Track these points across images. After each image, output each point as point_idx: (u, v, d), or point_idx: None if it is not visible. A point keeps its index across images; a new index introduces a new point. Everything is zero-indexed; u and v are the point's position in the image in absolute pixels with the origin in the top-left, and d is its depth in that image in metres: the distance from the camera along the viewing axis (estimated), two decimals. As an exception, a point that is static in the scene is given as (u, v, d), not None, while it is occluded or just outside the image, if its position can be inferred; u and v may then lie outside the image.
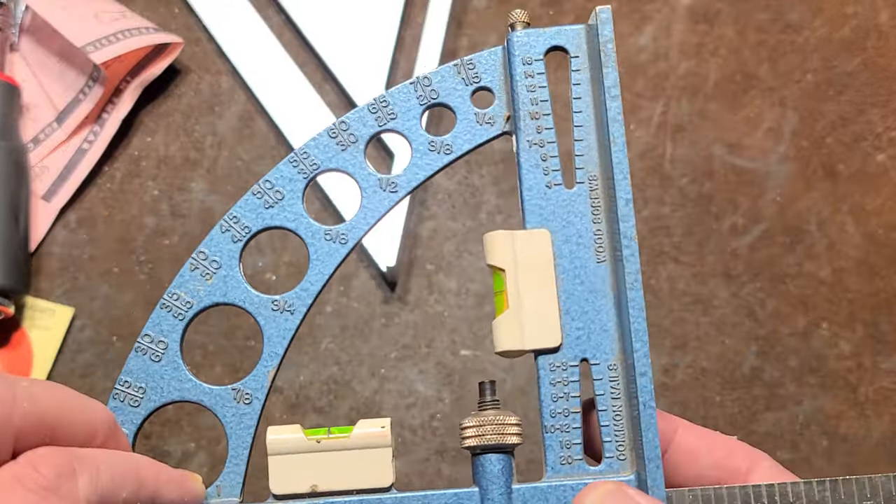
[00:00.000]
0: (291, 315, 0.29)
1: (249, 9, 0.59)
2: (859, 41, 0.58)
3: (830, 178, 0.56)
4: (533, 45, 0.31)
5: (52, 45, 0.58)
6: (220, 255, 0.30)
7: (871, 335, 0.53)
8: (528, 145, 0.30)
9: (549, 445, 0.28)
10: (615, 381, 0.28)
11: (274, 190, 0.30)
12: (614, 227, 0.28)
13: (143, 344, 0.30)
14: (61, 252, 0.56)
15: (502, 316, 0.29)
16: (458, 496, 0.27)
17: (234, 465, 0.28)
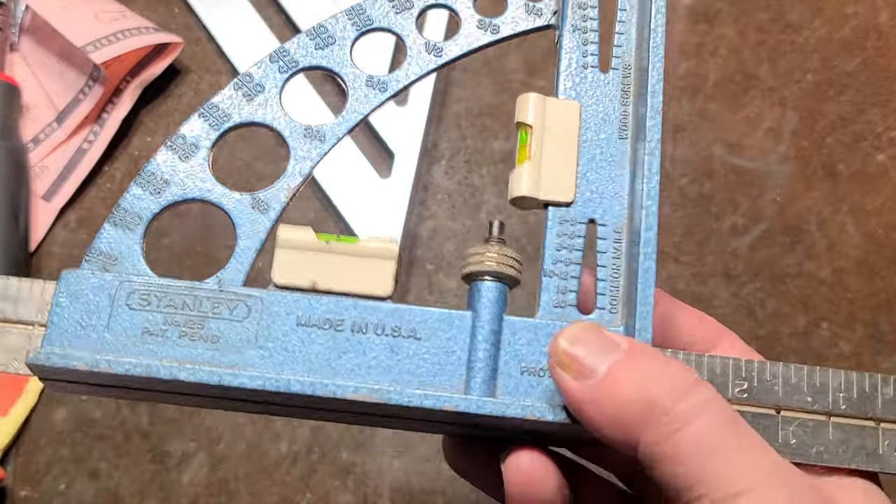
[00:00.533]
0: (322, 143, 0.31)
1: (249, 9, 0.59)
2: (859, 41, 0.58)
3: (830, 178, 0.56)
4: None
5: (52, 45, 0.58)
6: (266, 79, 0.31)
7: (870, 335, 0.53)
8: (572, 29, 0.32)
9: (545, 288, 0.29)
10: (619, 243, 0.30)
11: None
12: (640, 111, 0.30)
13: (174, 143, 0.30)
14: (61, 252, 0.56)
15: (522, 166, 0.30)
16: (451, 315, 0.29)
17: (238, 263, 0.30)
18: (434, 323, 0.28)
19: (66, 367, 0.27)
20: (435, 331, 0.28)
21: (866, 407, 0.28)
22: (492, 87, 0.58)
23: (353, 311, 0.28)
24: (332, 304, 0.29)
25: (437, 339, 0.28)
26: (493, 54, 0.59)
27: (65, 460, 0.51)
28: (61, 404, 0.53)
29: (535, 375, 0.28)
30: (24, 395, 0.52)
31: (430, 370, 0.28)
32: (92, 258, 0.29)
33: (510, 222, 0.55)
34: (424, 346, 0.28)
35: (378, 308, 0.28)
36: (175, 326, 0.28)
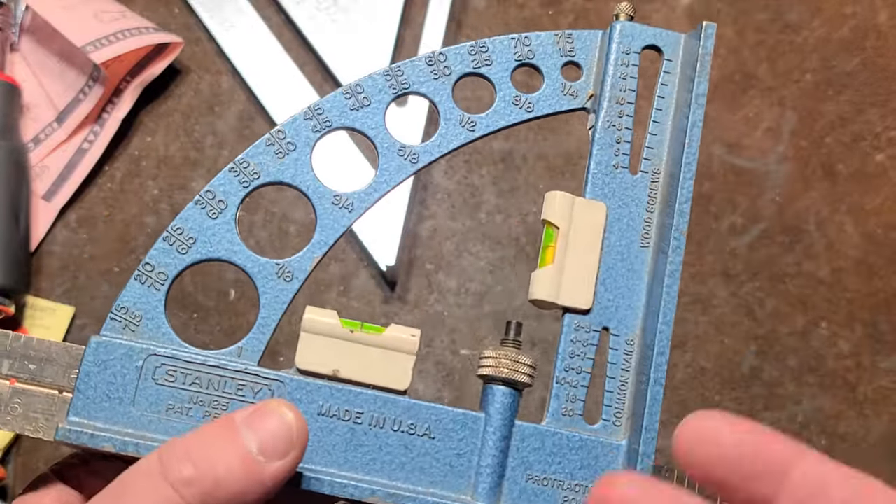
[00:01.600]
0: (349, 212, 0.31)
1: (249, 9, 0.59)
2: (858, 41, 0.58)
3: (829, 177, 0.56)
4: (635, 39, 0.33)
5: (53, 45, 0.59)
6: (298, 138, 0.31)
7: (869, 335, 0.53)
8: (607, 125, 0.32)
9: (556, 395, 0.30)
10: (629, 354, 0.30)
11: None
12: (665, 219, 0.31)
13: (203, 199, 0.30)
14: (62, 251, 0.56)
15: (546, 268, 0.31)
16: (465, 416, 0.29)
17: (260, 333, 0.30)
18: (448, 423, 0.29)
19: (95, 447, 0.27)
20: (448, 431, 0.29)
21: None
22: (491, 88, 0.58)
23: (373, 405, 0.29)
24: (352, 396, 0.29)
25: (449, 440, 0.29)
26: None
27: (65, 460, 0.52)
28: (62, 404, 0.53)
29: (540, 484, 0.29)
30: (25, 395, 0.52)
31: (441, 470, 0.29)
32: (117, 316, 0.29)
33: (510, 222, 0.55)
34: (437, 445, 0.29)
35: (396, 403, 0.29)
36: (199, 406, 0.28)
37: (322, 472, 0.28)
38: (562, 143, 0.57)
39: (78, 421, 0.28)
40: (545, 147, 0.57)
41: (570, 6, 0.60)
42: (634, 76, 0.32)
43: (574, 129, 0.57)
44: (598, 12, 0.59)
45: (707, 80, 0.31)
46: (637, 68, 0.32)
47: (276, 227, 0.55)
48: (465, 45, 0.33)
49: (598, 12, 0.59)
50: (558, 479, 0.30)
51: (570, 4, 0.60)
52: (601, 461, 0.30)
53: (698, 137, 0.31)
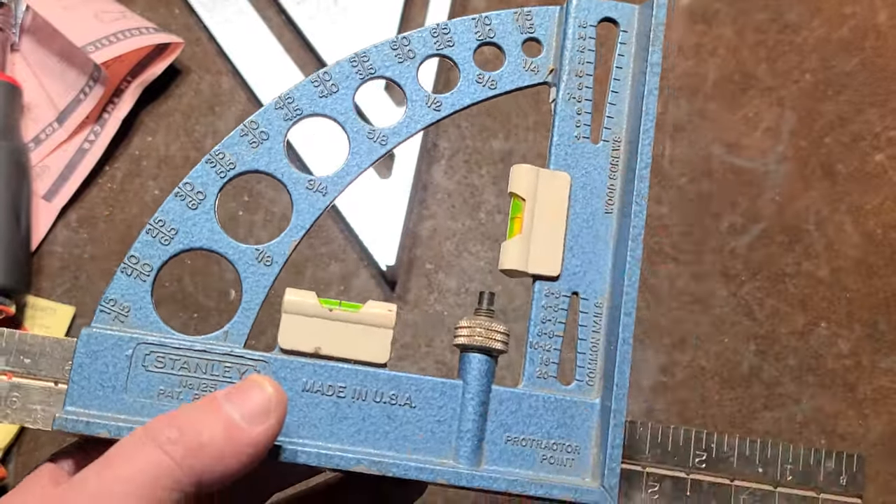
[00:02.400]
0: (323, 196, 0.32)
1: (249, 9, 0.59)
2: (857, 41, 0.58)
3: (829, 177, 0.56)
4: (590, 12, 0.34)
5: (53, 45, 0.59)
6: (270, 127, 0.32)
7: (869, 334, 0.53)
8: (568, 97, 0.33)
9: (530, 359, 0.31)
10: (599, 317, 0.32)
11: None
12: (627, 185, 0.32)
13: (182, 190, 0.31)
14: (62, 251, 0.56)
15: (514, 239, 0.32)
16: (443, 384, 0.30)
17: (243, 317, 0.31)
18: (428, 392, 0.30)
19: (91, 433, 0.28)
20: (428, 399, 0.30)
21: (809, 479, 0.32)
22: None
23: (354, 379, 0.30)
24: (334, 371, 0.30)
25: (429, 408, 0.30)
26: (493, 54, 0.59)
27: (66, 459, 0.52)
28: (62, 403, 0.53)
29: (519, 445, 0.31)
30: (25, 395, 0.53)
31: (423, 437, 0.30)
32: (106, 308, 0.30)
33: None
34: (419, 413, 0.30)
35: (377, 375, 0.30)
36: (189, 389, 0.30)
37: (309, 445, 0.29)
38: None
39: (74, 410, 0.29)
40: (545, 147, 0.57)
41: (570, 6, 0.60)
42: (592, 49, 0.33)
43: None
44: (597, 12, 0.60)
45: (661, 49, 0.32)
46: (594, 41, 0.33)
47: (277, 228, 0.56)
48: (427, 28, 0.34)
49: (597, 12, 0.60)
50: (536, 439, 0.31)
51: (569, 4, 0.60)
52: (576, 420, 0.31)
53: (654, 105, 0.32)
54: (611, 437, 0.30)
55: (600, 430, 0.31)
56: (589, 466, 0.31)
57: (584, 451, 0.31)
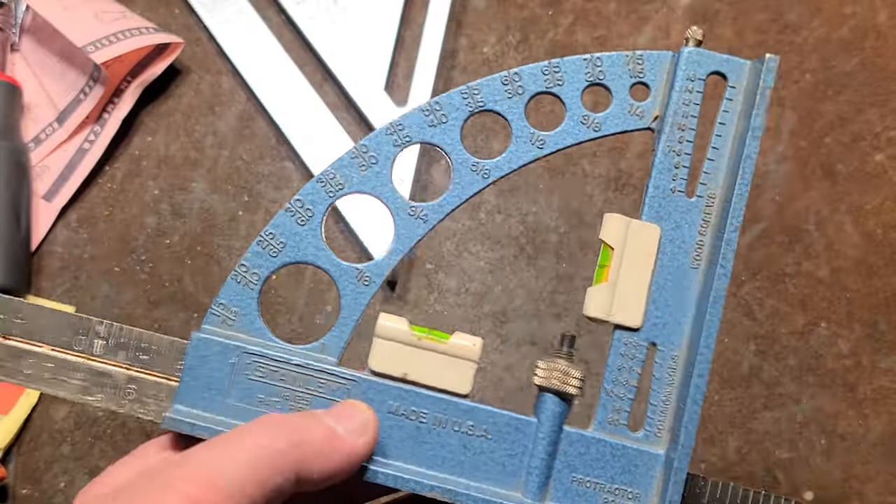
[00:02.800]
0: (424, 223, 0.33)
1: (249, 9, 0.59)
2: (858, 41, 0.58)
3: (829, 177, 0.56)
4: (701, 65, 0.34)
5: (53, 45, 0.59)
6: (379, 152, 0.33)
7: (869, 334, 0.53)
8: (667, 150, 0.33)
9: (603, 405, 0.32)
10: (673, 370, 0.32)
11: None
12: (716, 242, 0.32)
13: (293, 207, 0.33)
14: (62, 251, 0.56)
15: (600, 286, 0.33)
16: (518, 420, 0.32)
17: (340, 332, 0.33)
18: (503, 426, 0.32)
19: (192, 433, 0.31)
20: (503, 433, 0.32)
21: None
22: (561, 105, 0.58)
23: (436, 406, 0.32)
24: (418, 397, 0.32)
25: (503, 442, 0.32)
26: (493, 54, 0.59)
27: (65, 458, 0.52)
28: (62, 403, 0.53)
29: (583, 486, 0.32)
30: (26, 394, 0.53)
31: (494, 469, 0.32)
32: (216, 311, 0.32)
33: (510, 222, 0.55)
34: (493, 445, 0.32)
35: (458, 405, 0.32)
36: (285, 400, 0.32)
37: (389, 466, 0.31)
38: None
39: (182, 409, 0.31)
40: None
41: (570, 6, 0.60)
42: (697, 103, 0.34)
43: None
44: (597, 12, 0.60)
45: (765, 113, 0.32)
46: (701, 95, 0.34)
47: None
48: (538, 65, 0.35)
49: (597, 12, 0.60)
50: (600, 483, 0.32)
51: (569, 4, 0.60)
52: (640, 468, 0.32)
53: (752, 169, 0.32)
54: (671, 492, 0.31)
55: (662, 482, 0.32)
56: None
57: (645, 498, 0.32)
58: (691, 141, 0.33)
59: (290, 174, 0.57)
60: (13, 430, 0.52)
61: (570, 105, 0.34)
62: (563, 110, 0.34)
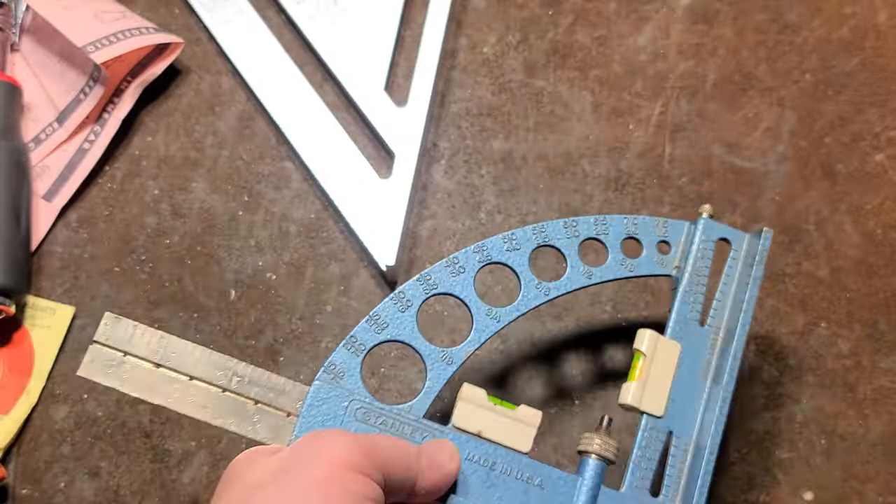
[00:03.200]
0: (497, 322, 0.43)
1: (249, 9, 0.59)
2: (858, 41, 0.58)
3: (829, 177, 0.56)
4: (712, 232, 0.46)
5: (53, 45, 0.59)
6: (468, 264, 0.43)
7: (869, 334, 0.53)
8: (686, 291, 0.44)
9: (632, 472, 0.41)
10: (685, 453, 0.42)
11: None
12: (720, 361, 0.43)
13: (397, 297, 0.42)
14: (62, 251, 0.56)
15: (633, 382, 0.42)
16: (567, 477, 0.40)
17: (425, 398, 0.41)
18: (555, 479, 0.40)
19: None
20: (555, 484, 0.40)
21: None
22: (491, 88, 0.58)
23: (504, 458, 0.40)
24: (490, 450, 0.40)
25: (553, 492, 0.40)
26: (493, 54, 0.59)
27: (65, 459, 0.52)
28: (62, 403, 0.53)
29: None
30: (26, 394, 0.53)
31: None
32: (328, 369, 0.40)
33: (510, 222, 0.55)
34: (545, 494, 0.40)
35: (521, 459, 0.40)
36: None
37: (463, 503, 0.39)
38: (561, 144, 0.57)
39: None
40: (545, 147, 0.57)
41: (570, 6, 0.60)
42: (710, 258, 0.45)
43: (573, 128, 0.57)
44: (597, 12, 0.60)
45: (763, 267, 0.44)
46: (712, 252, 0.45)
47: (277, 228, 0.56)
48: (591, 217, 0.45)
49: (597, 12, 0.60)
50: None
51: (569, 5, 0.60)
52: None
53: (752, 308, 0.44)
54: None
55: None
56: None
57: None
58: (704, 285, 0.45)
59: (290, 174, 0.57)
60: (13, 430, 0.52)
61: (612, 249, 0.45)
62: (607, 253, 0.45)
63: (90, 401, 0.53)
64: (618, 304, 0.53)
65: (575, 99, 0.58)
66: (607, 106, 0.58)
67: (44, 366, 0.53)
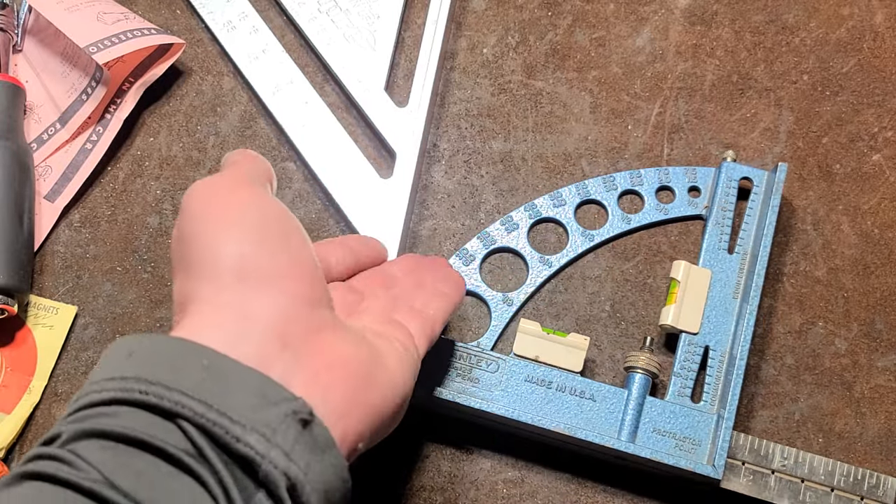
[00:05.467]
0: (548, 268, 0.53)
1: (251, 10, 0.60)
2: (855, 42, 0.59)
3: (826, 178, 0.56)
4: (734, 172, 0.53)
5: (56, 46, 0.59)
6: (520, 221, 0.54)
7: (866, 333, 0.53)
8: (715, 223, 0.52)
9: (674, 382, 0.49)
10: (721, 363, 0.50)
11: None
12: (748, 282, 0.50)
13: (461, 254, 0.53)
14: (65, 251, 0.56)
15: (671, 306, 0.50)
16: (615, 391, 0.48)
17: (490, 335, 0.51)
18: (605, 393, 0.48)
19: None
20: (604, 398, 0.48)
21: (857, 488, 0.48)
22: (491, 88, 0.59)
23: (559, 378, 0.49)
24: (546, 371, 0.49)
25: (604, 403, 0.48)
26: (492, 55, 0.60)
27: (68, 457, 0.52)
28: (64, 402, 0.53)
29: (661, 435, 0.48)
30: (28, 393, 0.53)
31: (598, 420, 0.48)
32: None
33: (509, 222, 0.55)
34: (597, 406, 0.48)
35: (574, 378, 0.49)
36: (455, 370, 0.49)
37: (525, 417, 0.47)
38: (561, 143, 0.57)
39: None
40: (545, 147, 0.57)
41: (569, 8, 0.60)
42: (734, 194, 0.52)
43: (572, 129, 0.58)
44: (595, 14, 0.60)
45: (780, 197, 0.51)
46: (736, 189, 0.53)
47: (278, 227, 0.56)
48: (628, 172, 0.54)
49: (595, 14, 0.60)
50: (672, 432, 0.48)
51: (568, 6, 0.60)
52: (700, 424, 0.48)
53: (772, 232, 0.51)
54: (721, 437, 0.47)
55: (715, 433, 0.48)
56: (706, 454, 0.48)
57: (704, 444, 0.48)
58: (730, 218, 0.52)
59: (292, 174, 0.57)
60: (16, 428, 0.52)
61: (647, 198, 0.54)
62: (642, 203, 0.54)
63: (92, 399, 0.53)
64: (616, 303, 0.54)
65: (574, 100, 0.58)
66: (606, 106, 0.58)
67: (46, 365, 0.53)
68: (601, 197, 0.53)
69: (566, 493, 0.51)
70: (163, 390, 0.28)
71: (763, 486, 0.47)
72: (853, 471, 0.48)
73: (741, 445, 0.48)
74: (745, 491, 0.47)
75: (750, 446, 0.48)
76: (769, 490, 0.47)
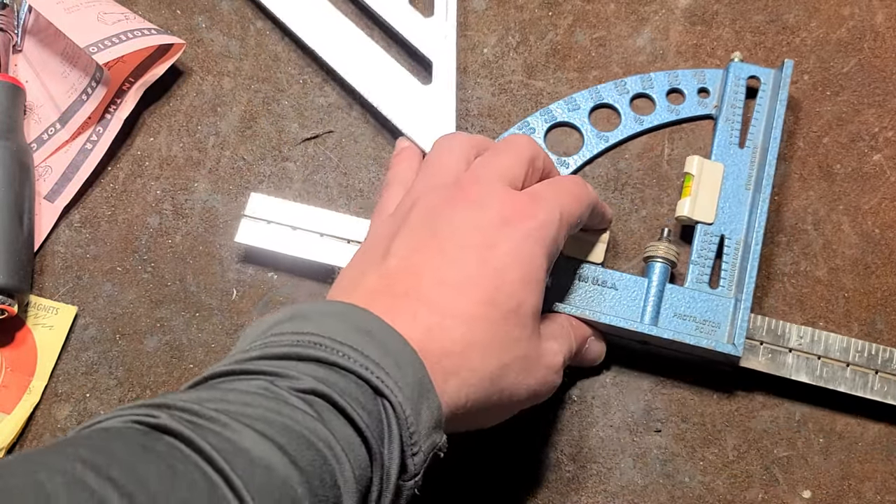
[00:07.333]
0: (605, 142, 0.56)
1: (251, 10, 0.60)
2: (856, 42, 0.59)
3: (827, 178, 0.56)
4: (743, 71, 0.55)
5: (56, 47, 0.59)
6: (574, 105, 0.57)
7: (867, 333, 0.53)
8: (726, 119, 0.54)
9: (692, 270, 0.51)
10: (737, 250, 0.51)
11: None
12: (759, 173, 0.52)
13: (522, 127, 0.56)
14: (65, 251, 0.56)
15: (686, 199, 0.52)
16: (636, 279, 0.50)
17: None
18: (627, 282, 0.50)
19: None
20: (626, 287, 0.50)
21: (871, 363, 0.50)
22: (491, 89, 0.59)
23: (582, 269, 0.51)
24: (571, 263, 0.51)
25: (627, 291, 0.50)
26: (493, 55, 0.60)
27: (68, 457, 0.52)
28: (65, 402, 0.53)
29: (682, 319, 0.50)
30: (28, 393, 0.53)
31: (622, 307, 0.50)
32: None
33: (509, 222, 0.55)
34: (620, 294, 0.50)
35: (596, 269, 0.51)
36: None
37: (556, 308, 0.49)
38: (561, 143, 0.57)
39: None
40: (544, 147, 0.57)
41: (570, 8, 0.60)
42: (743, 92, 0.55)
43: (573, 129, 0.58)
44: (596, 14, 0.60)
45: (787, 92, 0.53)
46: (744, 87, 0.55)
47: (278, 227, 0.56)
48: (638, 76, 0.56)
49: (596, 14, 0.60)
50: (693, 316, 0.50)
51: (569, 6, 0.60)
52: (719, 307, 0.50)
53: (781, 126, 0.52)
54: (740, 318, 0.48)
55: (733, 315, 0.49)
56: (725, 335, 0.49)
57: (723, 326, 0.49)
58: (740, 114, 0.54)
59: (292, 174, 0.57)
60: (16, 429, 0.52)
61: (658, 101, 0.56)
62: (653, 105, 0.56)
63: (92, 400, 0.53)
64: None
65: (574, 100, 0.58)
66: (606, 106, 0.58)
67: (46, 365, 0.53)
68: (613, 100, 0.55)
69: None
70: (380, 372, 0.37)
71: (781, 364, 0.49)
72: (868, 346, 0.49)
73: (758, 326, 0.50)
74: (764, 368, 0.49)
75: (767, 327, 0.50)
76: (787, 367, 0.49)
